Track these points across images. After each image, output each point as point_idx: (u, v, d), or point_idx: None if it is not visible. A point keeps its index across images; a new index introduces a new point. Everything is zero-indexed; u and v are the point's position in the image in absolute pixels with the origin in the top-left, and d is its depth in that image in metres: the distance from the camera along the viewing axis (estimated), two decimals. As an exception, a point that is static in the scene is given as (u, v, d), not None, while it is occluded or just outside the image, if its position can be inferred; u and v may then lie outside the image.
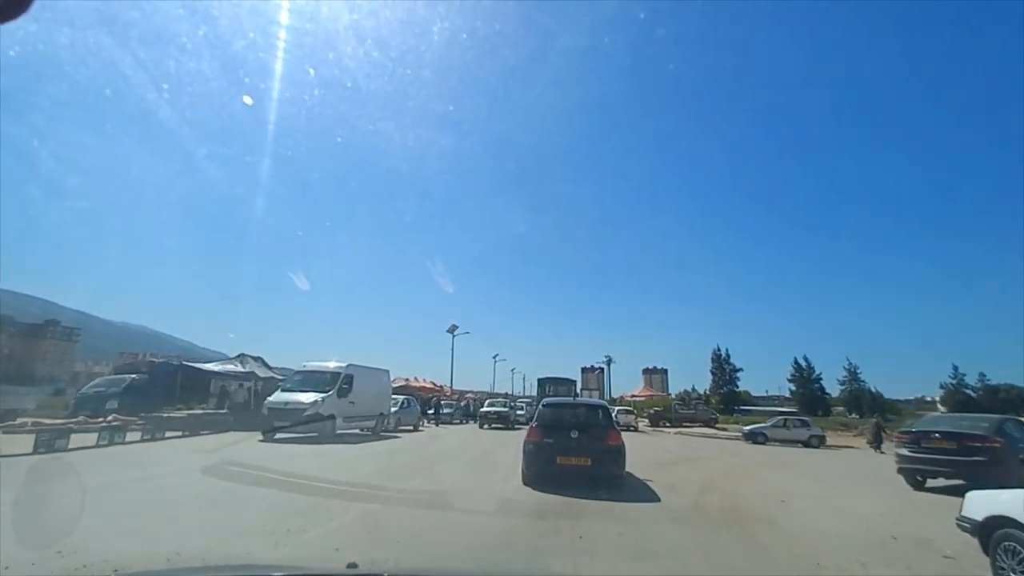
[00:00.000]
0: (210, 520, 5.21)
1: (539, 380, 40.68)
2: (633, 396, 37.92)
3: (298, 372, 16.45)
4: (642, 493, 7.90)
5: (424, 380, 46.53)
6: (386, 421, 18.35)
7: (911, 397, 78.62)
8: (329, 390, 14.83)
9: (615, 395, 75.02)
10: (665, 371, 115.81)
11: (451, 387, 48.10)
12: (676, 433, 30.43)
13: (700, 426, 35.02)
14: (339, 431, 14.90)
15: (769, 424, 24.79)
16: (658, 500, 7.42)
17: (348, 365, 16.01)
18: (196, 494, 6.66)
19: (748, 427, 25.51)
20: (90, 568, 3.50)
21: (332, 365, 15.85)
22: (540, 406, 9.41)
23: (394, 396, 21.19)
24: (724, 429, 34.11)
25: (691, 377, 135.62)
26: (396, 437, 17.44)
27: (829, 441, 24.48)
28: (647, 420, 35.43)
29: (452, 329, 43.13)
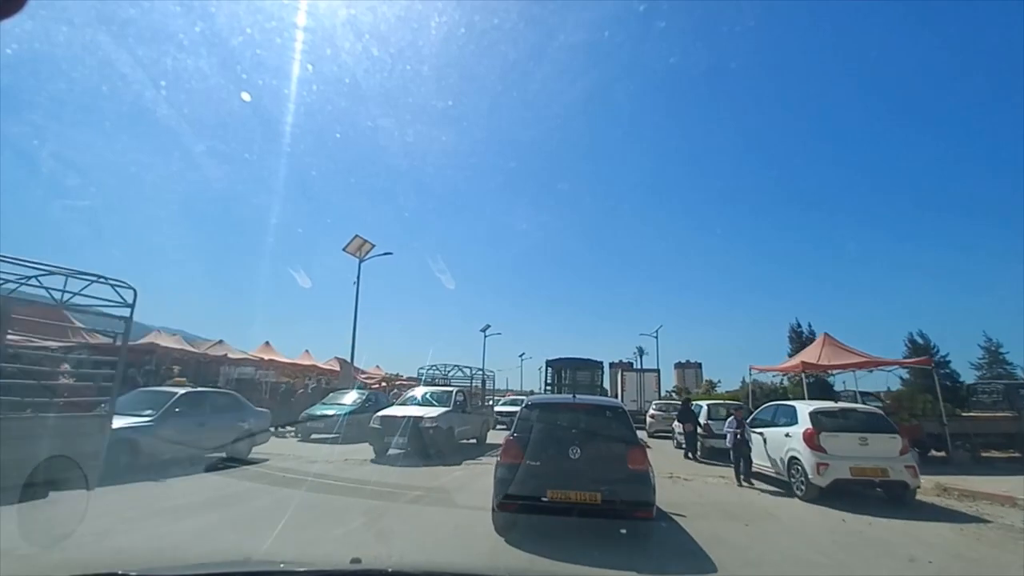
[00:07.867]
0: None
1: (547, 363, 25.06)
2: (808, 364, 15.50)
3: None
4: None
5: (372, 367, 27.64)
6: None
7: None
8: None
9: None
10: (699, 365, 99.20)
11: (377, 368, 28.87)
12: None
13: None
14: None
15: None
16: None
17: None
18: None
19: None
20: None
21: None
22: (523, 407, 5.87)
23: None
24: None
25: (729, 371, 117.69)
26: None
27: None
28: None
29: (355, 249, 22.40)
